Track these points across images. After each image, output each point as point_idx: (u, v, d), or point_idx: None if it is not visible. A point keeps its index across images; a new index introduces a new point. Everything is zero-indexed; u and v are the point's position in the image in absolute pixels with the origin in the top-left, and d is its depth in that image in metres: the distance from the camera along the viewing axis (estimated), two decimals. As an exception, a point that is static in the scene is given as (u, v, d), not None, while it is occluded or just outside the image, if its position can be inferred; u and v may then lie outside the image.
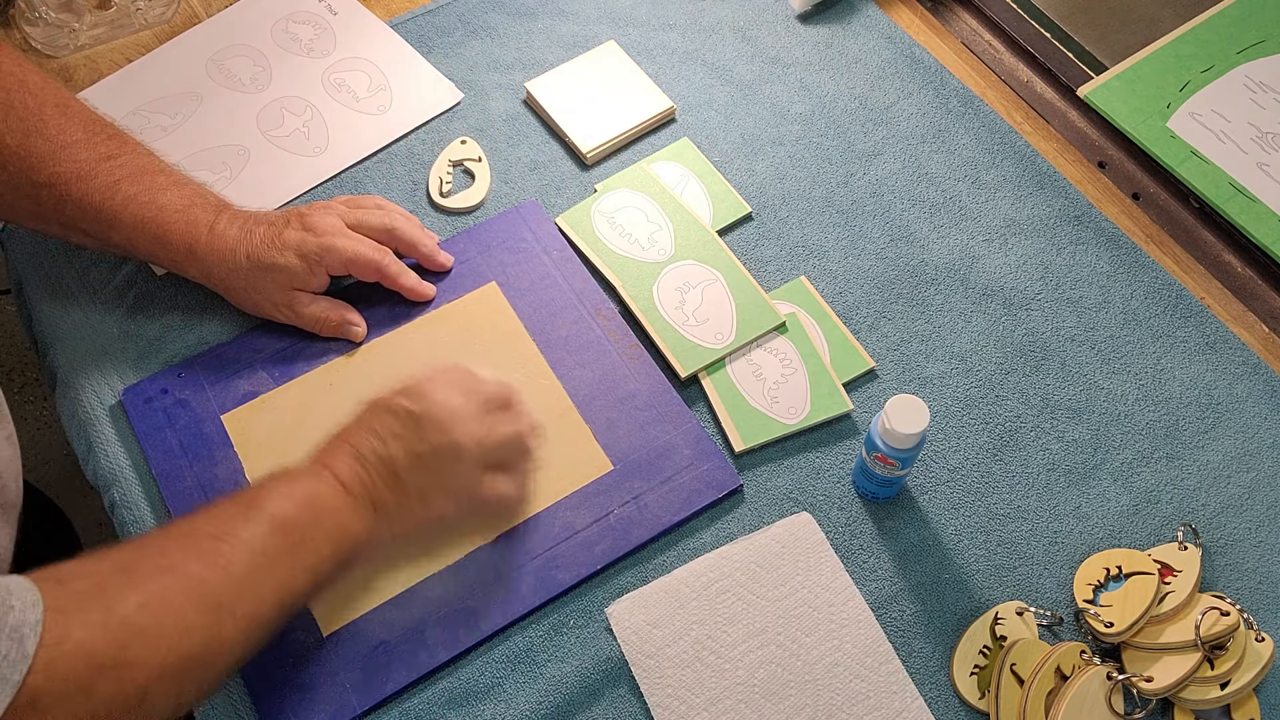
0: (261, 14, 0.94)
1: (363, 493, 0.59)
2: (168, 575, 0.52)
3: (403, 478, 0.60)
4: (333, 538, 0.57)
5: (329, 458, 0.60)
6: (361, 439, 0.60)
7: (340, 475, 0.59)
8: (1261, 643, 0.62)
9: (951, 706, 0.63)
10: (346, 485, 0.59)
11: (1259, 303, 0.79)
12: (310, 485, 0.58)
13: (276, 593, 0.55)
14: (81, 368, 0.75)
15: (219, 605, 0.52)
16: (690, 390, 0.74)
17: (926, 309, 0.78)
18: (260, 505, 0.56)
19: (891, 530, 0.69)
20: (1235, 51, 0.89)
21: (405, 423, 0.61)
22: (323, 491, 0.58)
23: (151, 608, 0.50)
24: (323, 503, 0.58)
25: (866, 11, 0.95)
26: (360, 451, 0.60)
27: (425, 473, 0.61)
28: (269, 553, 0.55)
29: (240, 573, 0.53)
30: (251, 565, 0.54)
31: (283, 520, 0.56)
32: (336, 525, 0.58)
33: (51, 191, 0.69)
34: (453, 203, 0.83)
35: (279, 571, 0.55)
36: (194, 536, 0.54)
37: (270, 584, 0.55)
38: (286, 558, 0.55)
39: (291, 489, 0.58)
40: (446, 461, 0.61)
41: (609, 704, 0.63)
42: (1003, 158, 0.86)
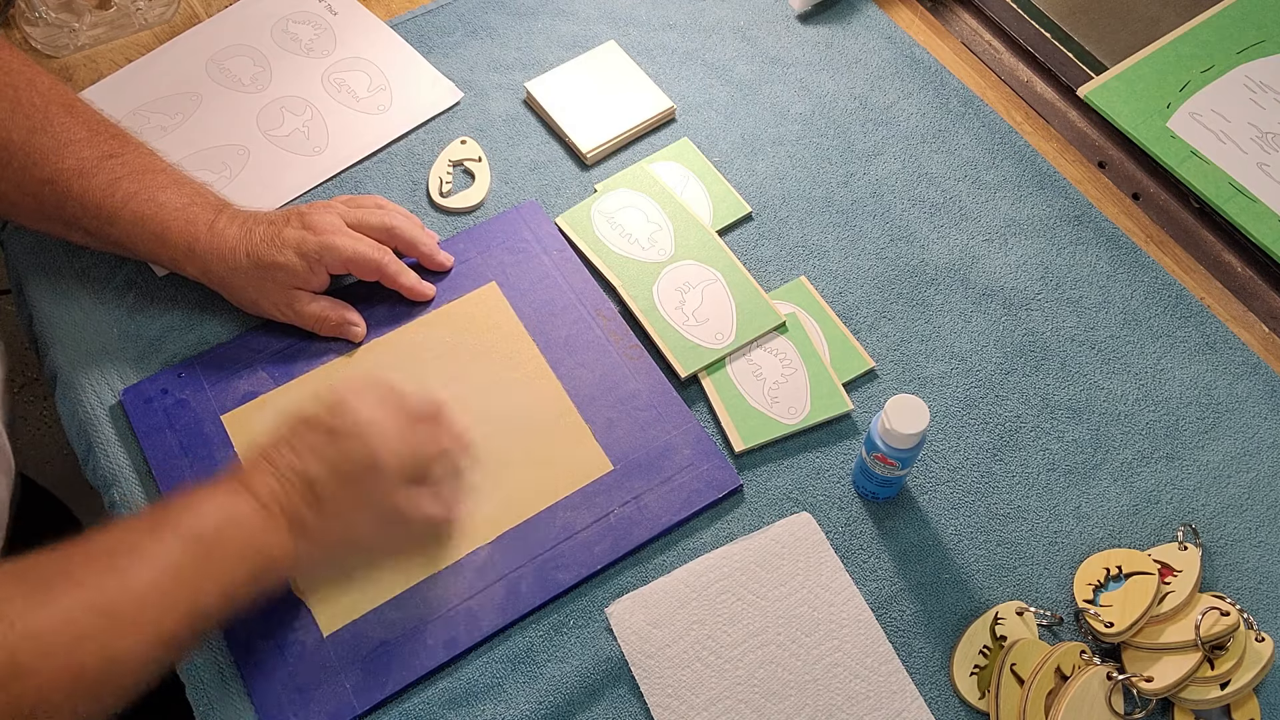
0: (261, 14, 0.94)
1: (279, 510, 0.58)
2: (64, 584, 0.51)
3: (321, 494, 0.59)
4: (246, 556, 0.56)
5: (247, 475, 0.59)
6: (279, 455, 0.59)
7: (256, 492, 0.58)
8: (1261, 643, 0.62)
9: (951, 706, 0.63)
10: (262, 502, 0.58)
11: (1259, 303, 0.79)
12: (224, 502, 0.57)
13: (183, 608, 0.54)
14: (81, 368, 0.75)
15: (114, 618, 0.51)
16: (690, 390, 0.74)
17: (926, 309, 0.78)
18: (172, 519, 0.55)
19: (891, 530, 0.69)
20: (1235, 51, 0.89)
21: (324, 438, 0.59)
22: (237, 508, 0.57)
23: (44, 615, 0.49)
24: (236, 520, 0.56)
25: (866, 11, 0.95)
26: (277, 467, 0.59)
27: (345, 489, 0.59)
28: (174, 568, 0.53)
29: (142, 585, 0.52)
30: (155, 579, 0.53)
31: (191, 536, 0.55)
32: (250, 543, 0.56)
33: (53, 188, 0.69)
34: (453, 203, 0.83)
35: (185, 587, 0.54)
36: (99, 549, 0.53)
37: (175, 599, 0.53)
38: (193, 574, 0.54)
39: (206, 505, 0.56)
40: (366, 477, 0.59)
41: (609, 704, 0.63)
42: (1003, 158, 0.86)
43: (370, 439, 0.59)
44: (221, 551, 0.55)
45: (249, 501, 0.57)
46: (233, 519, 0.56)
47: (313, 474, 0.59)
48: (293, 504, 0.58)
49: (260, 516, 0.57)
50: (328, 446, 0.59)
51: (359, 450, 0.59)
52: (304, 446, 0.59)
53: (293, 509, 0.58)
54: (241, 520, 0.57)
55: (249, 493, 0.58)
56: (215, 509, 0.56)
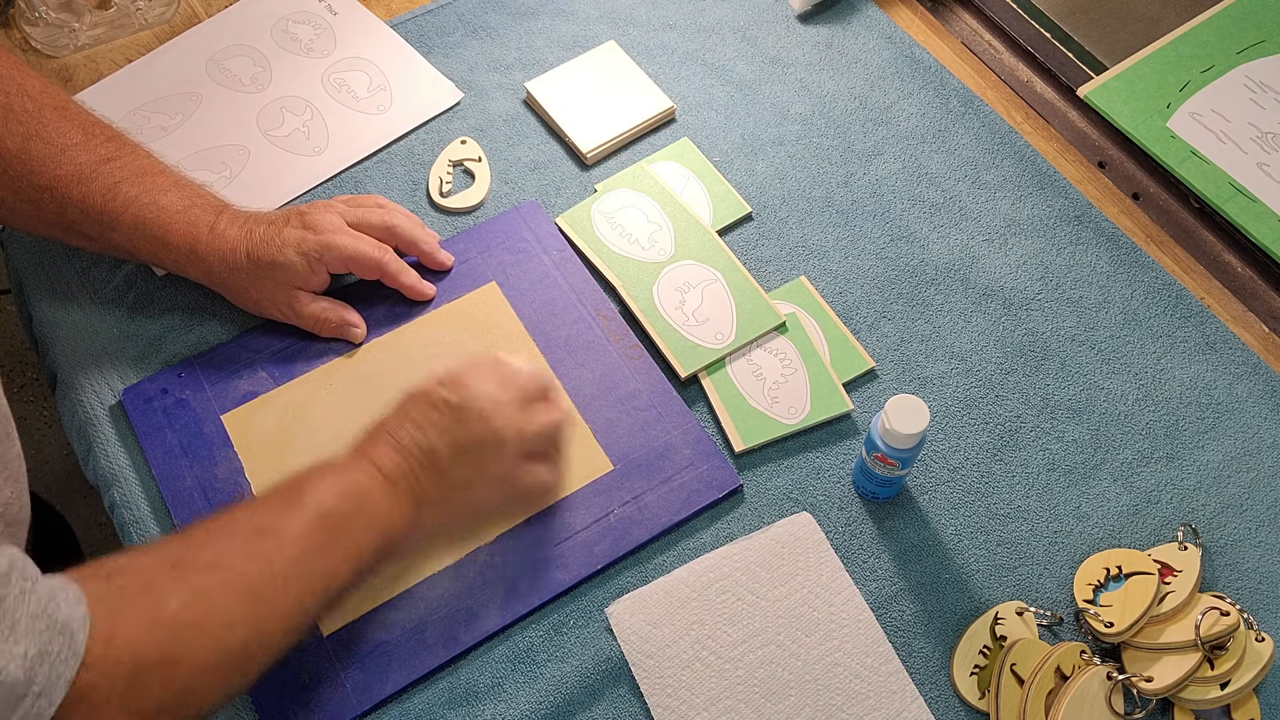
0: (261, 14, 0.94)
1: (404, 483, 0.59)
2: (211, 570, 0.52)
3: (444, 467, 0.60)
4: (375, 528, 0.58)
5: (370, 448, 0.60)
6: (402, 429, 0.60)
7: (381, 465, 0.59)
8: (1261, 643, 0.62)
9: (951, 706, 0.63)
10: (388, 475, 0.59)
11: (1259, 303, 0.79)
12: (352, 476, 0.58)
13: (319, 584, 0.55)
14: (81, 368, 0.75)
15: (262, 599, 0.53)
16: (690, 390, 0.74)
17: (926, 309, 0.78)
18: (302, 497, 0.56)
19: (891, 530, 0.69)
20: (1235, 51, 0.89)
21: (445, 413, 0.61)
22: (364, 482, 0.58)
23: (196, 604, 0.50)
24: (364, 493, 0.58)
25: (866, 11, 0.95)
26: (400, 441, 0.60)
27: (466, 462, 0.61)
28: (311, 545, 0.55)
29: (283, 566, 0.54)
30: (294, 558, 0.54)
31: (325, 511, 0.56)
32: (378, 516, 0.58)
33: (52, 195, 0.69)
34: (453, 203, 0.83)
35: (321, 563, 0.55)
36: (237, 531, 0.55)
37: (313, 576, 0.55)
38: (328, 549, 0.56)
39: (333, 480, 0.58)
40: (488, 451, 0.61)
41: (609, 704, 0.63)
42: (1003, 158, 0.86)
43: (489, 414, 0.61)
44: (351, 527, 0.57)
45: (374, 475, 0.59)
46: (360, 493, 0.58)
47: (435, 447, 0.60)
48: (415, 476, 0.60)
49: (385, 489, 0.59)
50: (448, 420, 0.61)
51: (478, 425, 0.61)
52: (425, 420, 0.61)
53: (416, 481, 0.60)
54: (368, 494, 0.58)
55: (374, 466, 0.59)
56: (343, 484, 0.58)
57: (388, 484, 0.59)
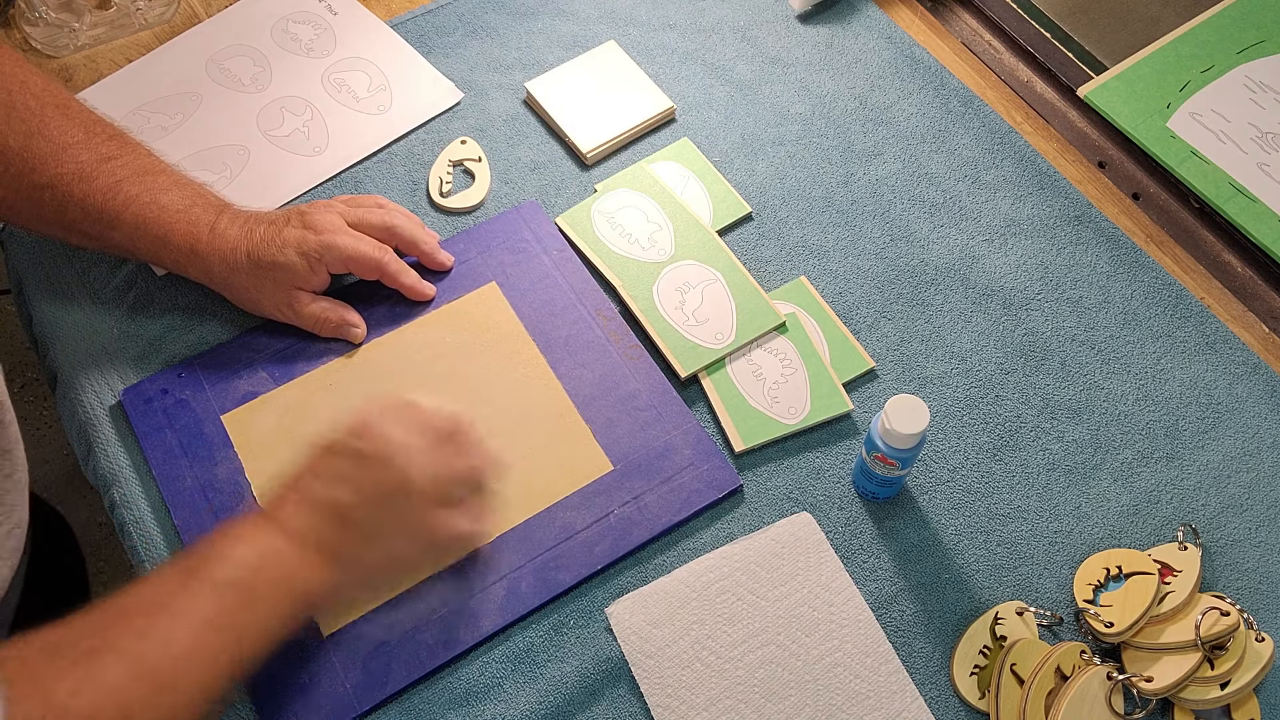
0: (261, 14, 0.94)
1: (312, 541, 0.57)
2: (105, 655, 0.50)
3: (353, 520, 0.58)
4: (283, 595, 0.56)
5: (276, 508, 0.58)
6: (308, 484, 0.58)
7: (287, 525, 0.57)
8: (1261, 643, 0.62)
9: (951, 706, 0.63)
10: (294, 535, 0.57)
11: (1259, 303, 0.79)
12: (255, 540, 0.56)
13: (226, 658, 0.53)
14: (81, 368, 0.75)
15: (161, 683, 0.50)
16: (690, 390, 0.74)
17: (926, 309, 0.78)
18: (201, 571, 0.54)
19: (891, 530, 0.69)
20: (1235, 51, 0.89)
21: (352, 463, 0.58)
22: (270, 546, 0.56)
23: (88, 693, 0.48)
24: (269, 558, 0.56)
25: (866, 11, 0.95)
26: (306, 497, 0.58)
27: (375, 513, 0.58)
28: (213, 621, 0.53)
29: (184, 645, 0.52)
30: (195, 636, 0.52)
31: (226, 584, 0.54)
32: (285, 579, 0.56)
33: (53, 193, 0.69)
34: (453, 203, 0.83)
35: (226, 637, 0.53)
36: (131, 613, 0.52)
37: (218, 652, 0.53)
38: (233, 622, 0.54)
39: (237, 547, 0.56)
40: (397, 500, 0.59)
41: (609, 704, 0.63)
42: (1003, 158, 0.86)
43: (398, 461, 0.58)
44: (258, 595, 0.55)
45: (281, 538, 0.57)
46: (266, 559, 0.56)
47: (343, 501, 0.58)
48: (325, 534, 0.58)
49: (294, 552, 0.57)
50: (356, 472, 0.58)
51: (388, 474, 0.58)
52: (331, 474, 0.58)
53: (326, 539, 0.58)
54: (275, 559, 0.56)
55: (280, 528, 0.57)
56: (247, 551, 0.55)
57: (294, 544, 0.57)
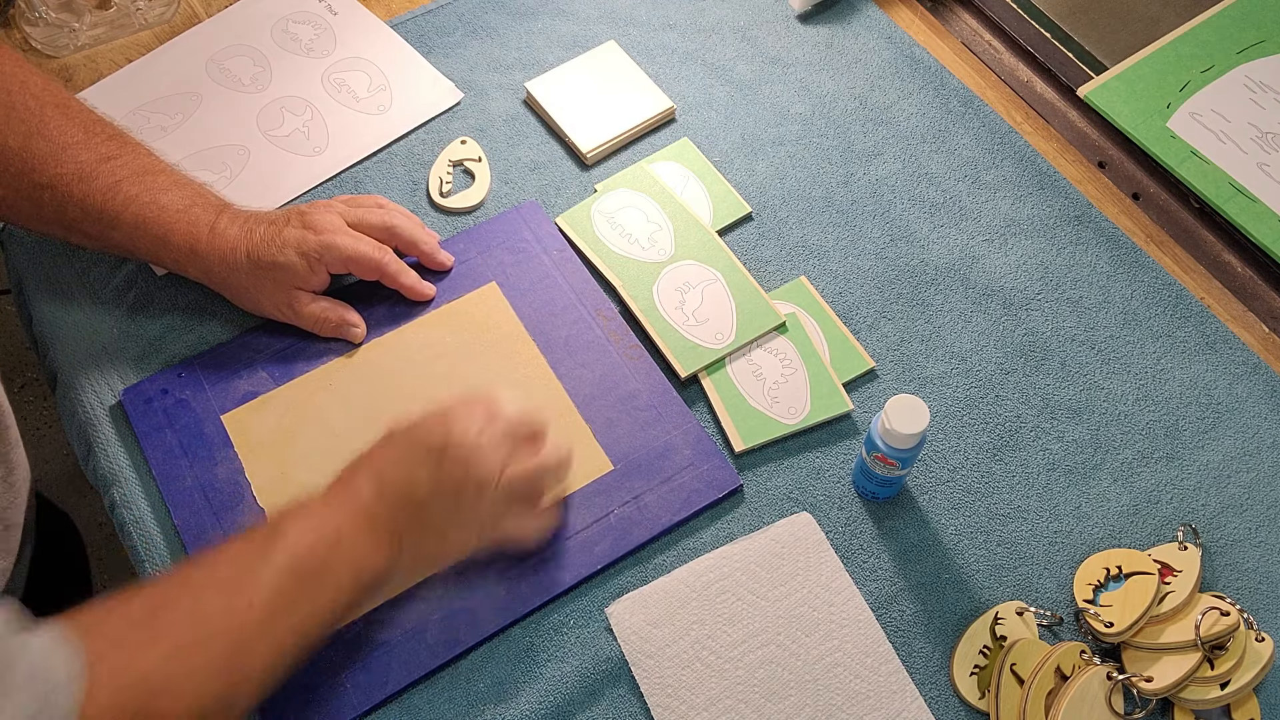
0: (261, 14, 0.94)
1: (383, 524, 0.58)
2: (187, 622, 0.52)
3: (424, 510, 0.59)
4: (351, 570, 0.57)
5: (349, 485, 0.59)
6: (384, 466, 0.59)
7: (361, 504, 0.58)
8: (1261, 643, 0.62)
9: (951, 706, 0.63)
10: (366, 514, 0.58)
11: (1259, 303, 0.79)
12: (329, 517, 0.57)
13: (296, 630, 0.55)
14: (81, 368, 0.75)
15: (240, 649, 0.52)
16: (690, 390, 0.74)
17: (926, 309, 0.78)
18: (278, 542, 0.56)
19: (891, 530, 0.69)
20: (1235, 51, 0.89)
21: (428, 454, 0.59)
22: (342, 522, 0.57)
23: (175, 658, 0.50)
24: (342, 535, 0.57)
25: (866, 11, 0.95)
26: (382, 479, 0.59)
27: (447, 504, 0.60)
28: (288, 591, 0.54)
29: (260, 614, 0.53)
30: (271, 605, 0.54)
31: (301, 557, 0.55)
32: (356, 558, 0.57)
33: (53, 193, 0.69)
34: (453, 203, 0.83)
35: (298, 609, 0.55)
36: (213, 579, 0.54)
37: (290, 622, 0.55)
38: (306, 594, 0.55)
39: (309, 522, 0.57)
40: (469, 494, 0.60)
41: (609, 704, 0.63)
42: (1003, 158, 0.86)
43: (475, 457, 0.59)
44: (327, 571, 0.56)
45: (351, 514, 0.58)
46: (338, 535, 0.57)
47: (416, 489, 0.59)
48: (394, 515, 0.59)
49: (365, 530, 0.58)
50: (433, 461, 0.59)
51: (463, 467, 0.59)
52: (407, 459, 0.59)
53: (394, 520, 0.59)
54: (347, 536, 0.57)
55: (352, 504, 0.58)
56: (319, 526, 0.57)
57: (365, 523, 0.58)
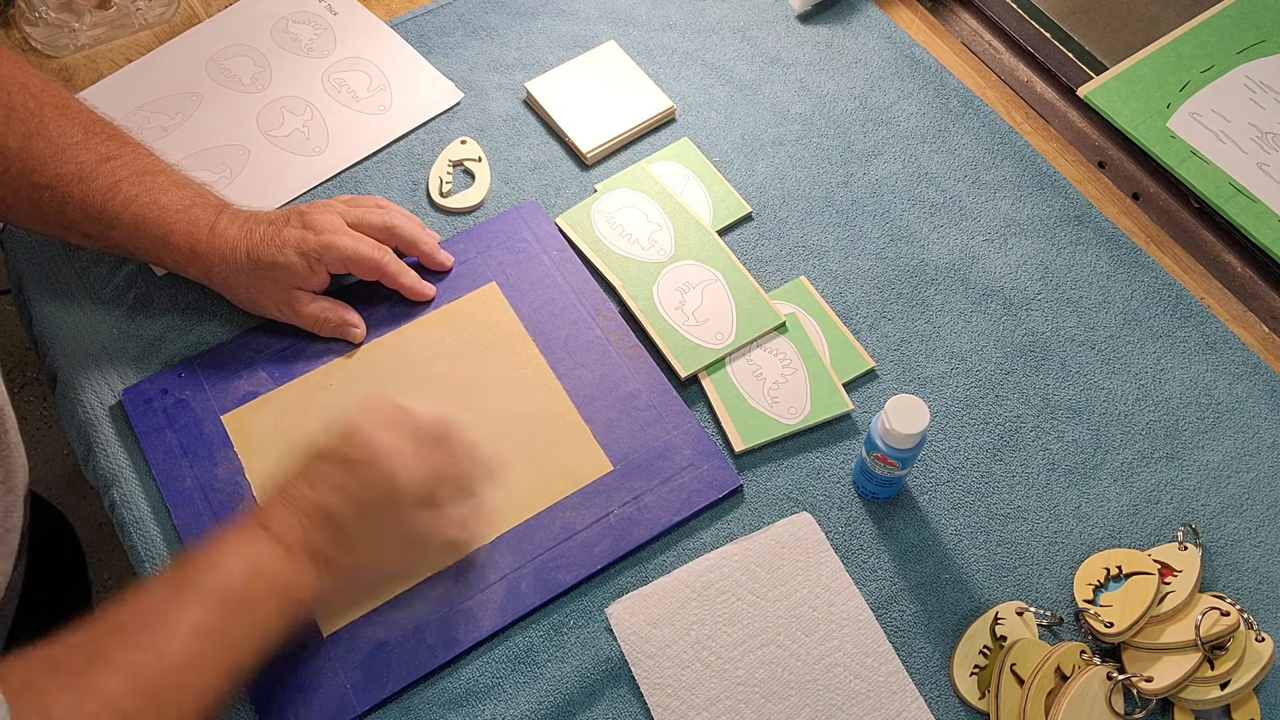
0: (261, 14, 0.94)
1: (302, 548, 0.58)
2: (103, 668, 0.50)
3: (343, 527, 0.58)
4: (274, 602, 0.56)
5: (266, 515, 0.58)
6: (297, 491, 0.59)
7: (277, 533, 0.57)
8: (1261, 643, 0.62)
9: (951, 706, 0.63)
10: (284, 543, 0.57)
11: (1259, 303, 0.79)
12: (247, 549, 0.57)
13: (221, 668, 0.54)
14: (81, 368, 0.75)
15: (158, 693, 0.51)
16: (690, 390, 0.74)
17: (926, 309, 0.78)
18: (193, 581, 0.55)
19: (891, 530, 0.69)
20: (1235, 51, 0.89)
21: (341, 469, 0.59)
22: (260, 553, 0.56)
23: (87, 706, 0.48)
24: (260, 567, 0.56)
25: (866, 11, 0.95)
26: (297, 505, 0.58)
27: (365, 519, 0.59)
28: (207, 631, 0.53)
29: (178, 657, 0.52)
30: (189, 646, 0.52)
31: (219, 594, 0.54)
32: (277, 588, 0.56)
33: (53, 193, 0.69)
34: (453, 203, 0.83)
35: (220, 647, 0.54)
36: (126, 625, 0.53)
37: (212, 661, 0.53)
38: (226, 631, 0.54)
39: (226, 558, 0.56)
40: (386, 505, 0.59)
41: (609, 704, 0.63)
42: (1003, 158, 0.86)
43: (386, 466, 0.59)
44: (250, 603, 0.55)
45: (271, 545, 0.57)
46: (257, 566, 0.56)
47: (332, 507, 0.58)
48: (314, 540, 0.58)
49: (284, 559, 0.57)
50: (344, 477, 0.59)
51: (376, 479, 0.59)
52: (320, 479, 0.59)
53: (315, 545, 0.58)
54: (266, 566, 0.56)
55: (270, 535, 0.57)
56: (238, 559, 0.56)
57: (285, 552, 0.57)
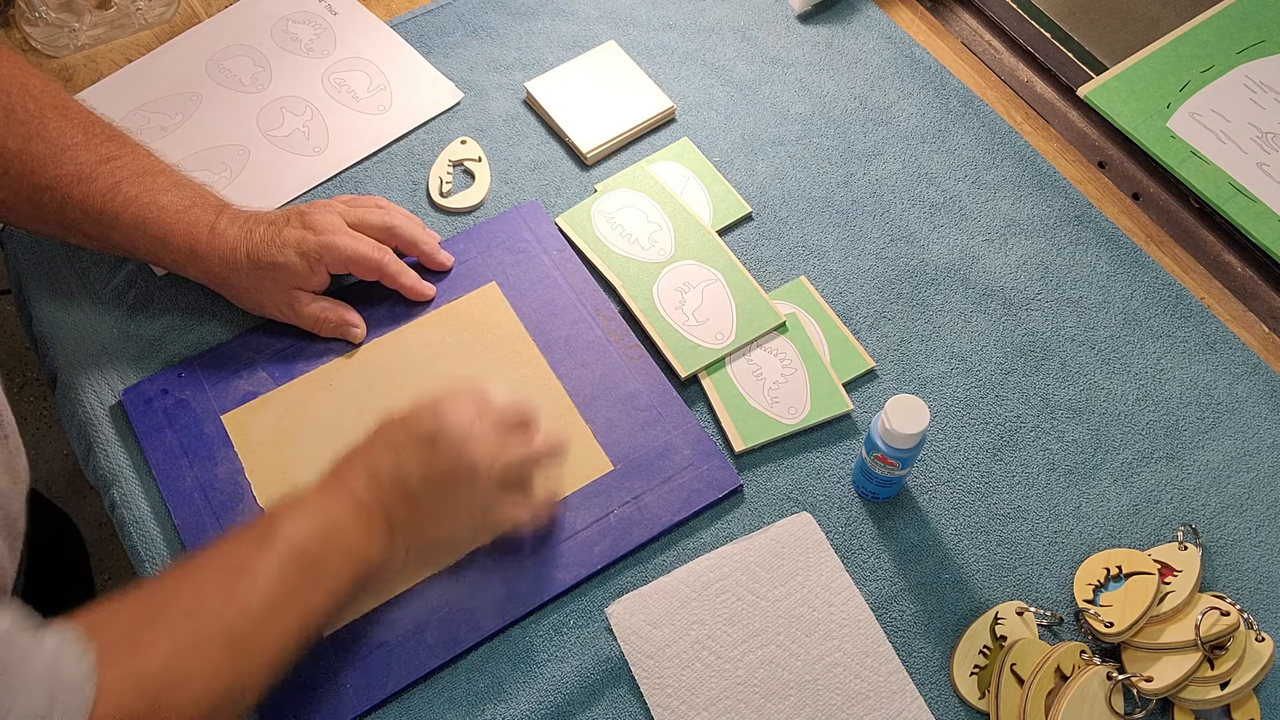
0: (261, 14, 0.94)
1: (378, 512, 0.59)
2: (190, 619, 0.52)
3: (416, 496, 0.60)
4: (349, 560, 0.57)
5: (343, 476, 0.60)
6: (376, 457, 0.60)
7: (355, 494, 0.59)
8: (1261, 643, 0.62)
9: (951, 706, 0.63)
10: (361, 504, 0.59)
11: (1259, 303, 0.79)
12: (325, 507, 0.58)
13: (297, 621, 0.55)
14: (81, 368, 0.75)
15: (242, 644, 0.53)
16: (690, 390, 0.74)
17: (926, 309, 0.78)
18: (275, 534, 0.56)
19: (891, 530, 0.69)
20: (1235, 51, 0.89)
21: (420, 441, 0.60)
22: (337, 513, 0.58)
23: (178, 656, 0.50)
24: (338, 525, 0.57)
25: (866, 11, 0.95)
26: (374, 469, 0.60)
27: (440, 492, 0.60)
28: (287, 583, 0.55)
29: (260, 607, 0.54)
30: (271, 598, 0.54)
31: (299, 548, 0.56)
32: (352, 547, 0.58)
33: (52, 194, 0.69)
34: (453, 203, 0.83)
35: (298, 600, 0.55)
36: (212, 574, 0.55)
37: (290, 613, 0.55)
38: (304, 586, 0.56)
39: (305, 514, 0.57)
40: (461, 482, 0.60)
41: (609, 704, 0.63)
42: (1003, 158, 0.86)
43: (464, 444, 0.60)
44: (326, 560, 0.56)
45: (347, 505, 0.58)
46: (334, 525, 0.57)
47: (408, 475, 0.59)
48: (388, 505, 0.59)
49: (360, 520, 0.58)
50: (425, 450, 0.60)
51: (455, 456, 0.60)
52: (399, 448, 0.60)
53: (388, 510, 0.59)
54: (342, 526, 0.58)
55: (347, 495, 0.59)
56: (315, 517, 0.57)
57: (361, 513, 0.58)
